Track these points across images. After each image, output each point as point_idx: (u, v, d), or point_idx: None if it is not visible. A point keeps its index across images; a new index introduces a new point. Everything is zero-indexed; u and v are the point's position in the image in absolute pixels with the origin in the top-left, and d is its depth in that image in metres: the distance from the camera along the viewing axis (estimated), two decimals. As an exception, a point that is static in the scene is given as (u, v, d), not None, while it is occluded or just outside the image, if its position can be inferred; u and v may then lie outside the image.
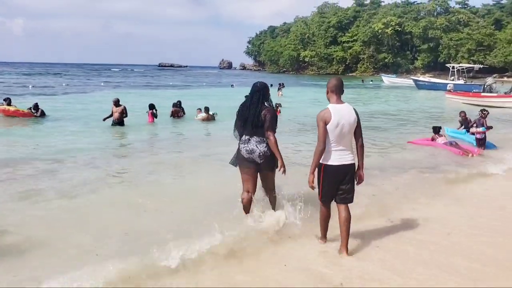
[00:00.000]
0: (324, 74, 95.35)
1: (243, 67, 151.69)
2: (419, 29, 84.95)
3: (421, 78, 52.86)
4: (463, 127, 13.10)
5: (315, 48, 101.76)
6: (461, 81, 42.16)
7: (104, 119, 14.22)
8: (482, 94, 28.57)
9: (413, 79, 50.16)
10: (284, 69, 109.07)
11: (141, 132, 13.68)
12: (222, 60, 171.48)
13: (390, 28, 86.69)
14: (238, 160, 5.10)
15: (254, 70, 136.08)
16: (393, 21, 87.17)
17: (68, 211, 5.93)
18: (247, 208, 5.04)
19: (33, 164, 8.74)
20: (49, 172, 8.11)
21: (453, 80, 42.97)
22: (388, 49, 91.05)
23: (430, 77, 58.30)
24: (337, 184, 4.40)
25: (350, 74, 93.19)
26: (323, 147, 4.30)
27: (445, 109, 24.64)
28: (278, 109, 19.65)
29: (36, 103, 16.48)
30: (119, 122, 14.18)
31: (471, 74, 57.95)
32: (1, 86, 36.52)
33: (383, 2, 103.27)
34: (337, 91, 4.39)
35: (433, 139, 11.02)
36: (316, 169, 4.41)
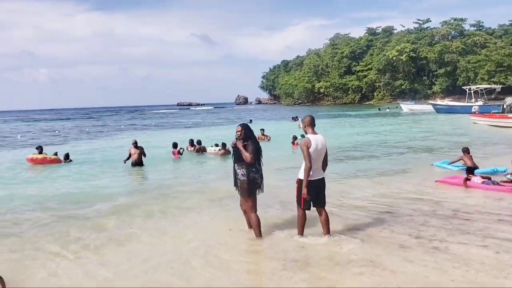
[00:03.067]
0: (340, 104, 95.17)
1: (259, 102, 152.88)
2: (434, 53, 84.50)
3: (439, 102, 52.15)
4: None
5: (330, 79, 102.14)
6: (480, 103, 41.28)
7: (125, 161, 14.33)
8: (509, 115, 27.67)
9: (431, 104, 49.54)
10: (300, 101, 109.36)
11: (161, 172, 13.35)
12: (238, 96, 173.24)
13: (404, 55, 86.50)
14: (255, 186, 6.02)
15: (270, 103, 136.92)
16: (407, 47, 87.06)
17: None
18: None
19: (50, 211, 8.36)
20: (73, 219, 7.72)
21: (473, 102, 42.15)
22: (404, 75, 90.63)
23: (450, 100, 57.44)
24: (314, 194, 5.71)
25: (367, 103, 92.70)
26: (310, 165, 5.63)
27: (469, 133, 23.66)
28: (296, 142, 19.06)
29: (56, 152, 16.56)
30: (139, 163, 14.25)
31: (492, 96, 56.94)
32: (31, 134, 37.26)
33: (396, 29, 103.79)
34: (312, 125, 5.87)
35: (468, 179, 9.26)
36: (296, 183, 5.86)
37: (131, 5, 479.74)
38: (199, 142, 17.41)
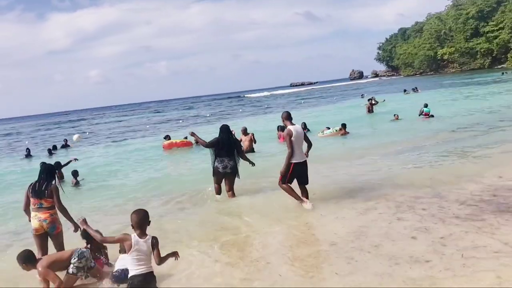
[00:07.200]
0: (468, 70, 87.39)
1: (375, 75, 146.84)
2: None
3: None
4: None
5: (454, 44, 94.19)
6: None
7: None
8: None
9: None
10: (421, 71, 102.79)
11: (270, 159, 12.62)
12: (353, 70, 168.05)
13: (545, 8, 75.86)
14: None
15: (388, 76, 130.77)
16: (547, -1, 76.23)
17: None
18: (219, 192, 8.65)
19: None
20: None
21: None
22: (545, 31, 79.67)
23: None
24: (297, 174, 7.33)
25: (499, 67, 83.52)
26: (292, 151, 7.18)
27: None
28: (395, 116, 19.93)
29: (186, 137, 18.09)
30: (249, 150, 13.85)
31: None
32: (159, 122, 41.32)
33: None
34: (289, 118, 7.45)
35: None
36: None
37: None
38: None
